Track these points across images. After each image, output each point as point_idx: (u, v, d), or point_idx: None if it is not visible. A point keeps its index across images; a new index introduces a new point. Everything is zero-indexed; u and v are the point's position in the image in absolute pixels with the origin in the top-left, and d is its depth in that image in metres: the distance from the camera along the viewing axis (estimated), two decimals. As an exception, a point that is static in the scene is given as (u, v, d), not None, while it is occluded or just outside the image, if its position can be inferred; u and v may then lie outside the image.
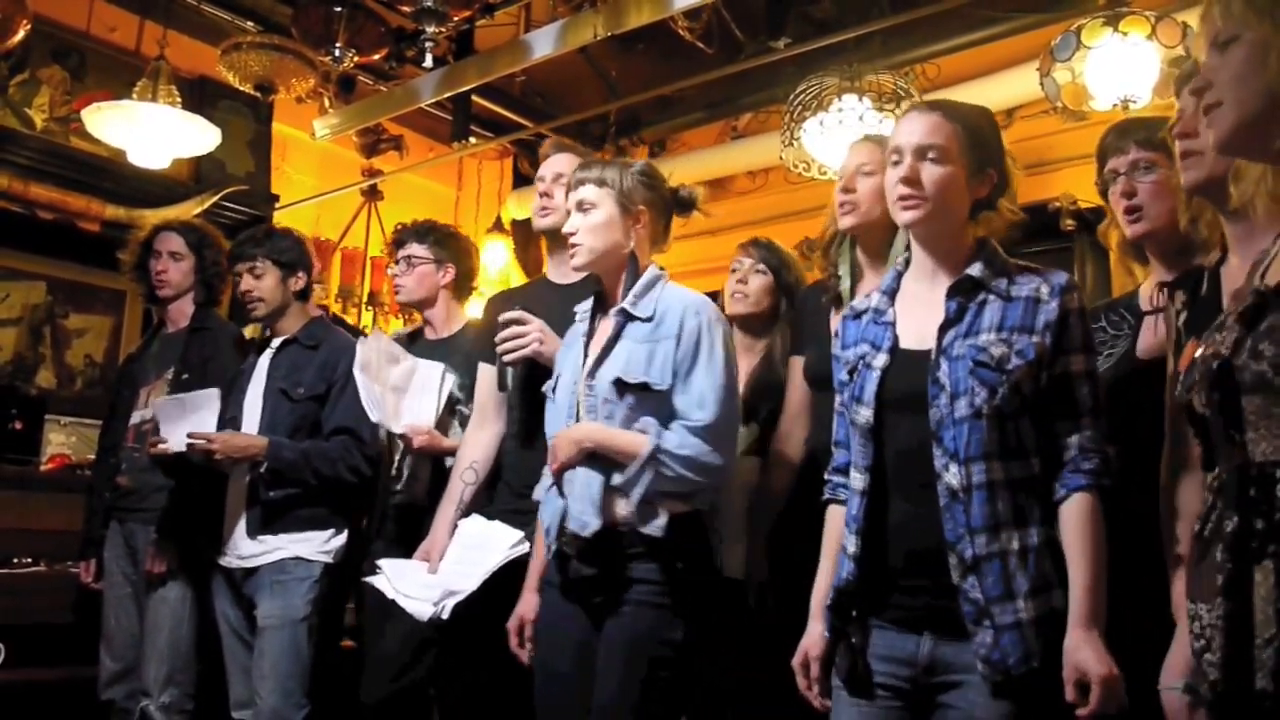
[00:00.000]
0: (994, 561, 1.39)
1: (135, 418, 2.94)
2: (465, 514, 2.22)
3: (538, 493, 1.95)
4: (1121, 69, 2.92)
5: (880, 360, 1.53)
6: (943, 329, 1.49)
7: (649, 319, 1.86)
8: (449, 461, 2.45)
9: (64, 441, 3.92)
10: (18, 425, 3.69)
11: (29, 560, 3.38)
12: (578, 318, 2.00)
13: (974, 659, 1.38)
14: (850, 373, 1.58)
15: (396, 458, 2.61)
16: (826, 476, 1.67)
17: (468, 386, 2.53)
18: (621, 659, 1.75)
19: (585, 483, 1.80)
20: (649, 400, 1.81)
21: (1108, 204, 1.82)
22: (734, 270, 2.55)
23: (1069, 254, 3.67)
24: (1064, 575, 1.41)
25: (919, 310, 1.55)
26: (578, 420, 1.86)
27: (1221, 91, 1.11)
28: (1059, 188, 3.67)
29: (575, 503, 1.81)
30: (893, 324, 1.57)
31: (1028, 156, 3.90)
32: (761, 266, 2.48)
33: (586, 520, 1.78)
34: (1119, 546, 1.44)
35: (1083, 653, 1.34)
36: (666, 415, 1.81)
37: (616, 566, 1.79)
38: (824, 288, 2.21)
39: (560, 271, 2.29)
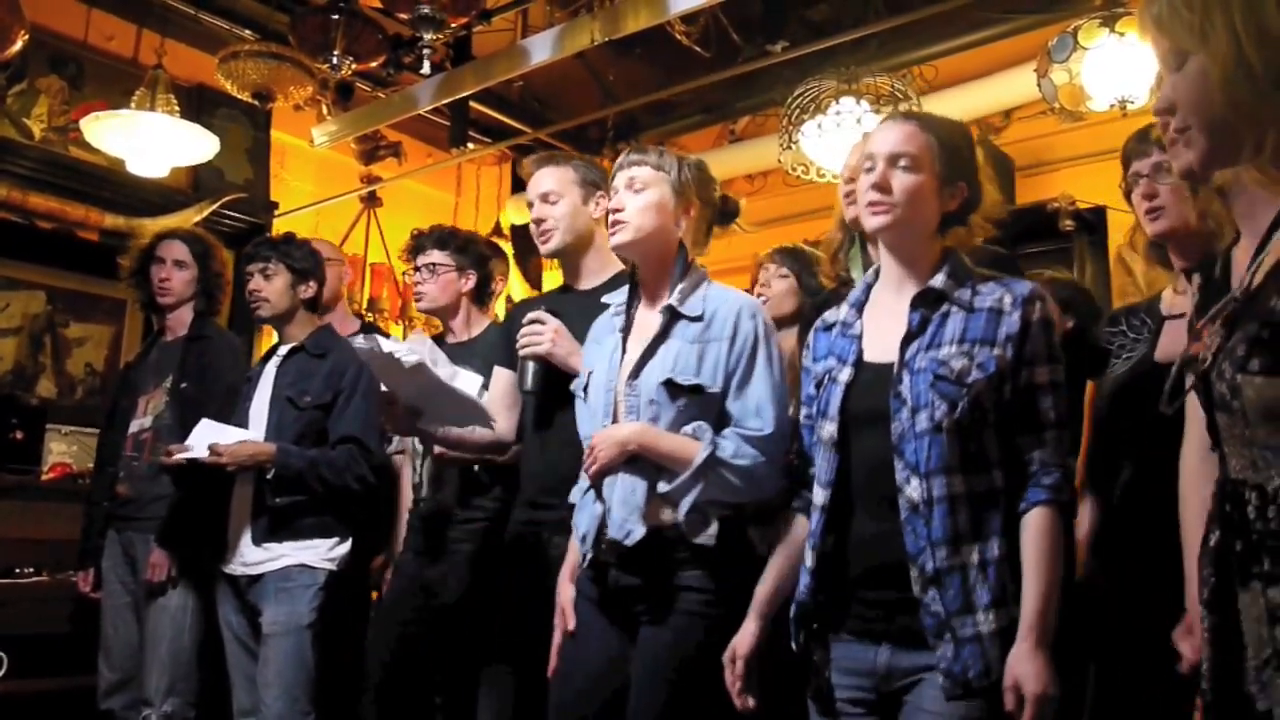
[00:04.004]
0: (955, 575, 1.38)
1: (134, 426, 2.92)
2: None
3: (574, 495, 1.85)
4: (1119, 69, 2.92)
5: (845, 374, 1.53)
6: (905, 342, 1.49)
7: (698, 318, 1.77)
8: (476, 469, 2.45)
9: (65, 451, 3.92)
10: (18, 435, 3.68)
11: (30, 570, 3.38)
12: (611, 310, 1.90)
13: (931, 662, 1.38)
14: (817, 386, 1.58)
15: (417, 464, 2.58)
16: (791, 485, 1.66)
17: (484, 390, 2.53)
18: (666, 671, 1.65)
19: (629, 488, 1.71)
20: (701, 404, 1.72)
21: (1131, 206, 1.83)
22: (758, 281, 2.57)
23: (1068, 254, 3.68)
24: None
25: (885, 321, 1.55)
26: (615, 422, 1.77)
27: (1187, 116, 1.11)
28: (1057, 188, 3.69)
29: (618, 509, 1.71)
30: (859, 337, 1.56)
31: (1025, 157, 3.92)
32: (784, 271, 2.52)
33: (630, 528, 1.69)
34: (1145, 543, 1.43)
35: (1023, 667, 1.33)
36: (716, 419, 1.72)
37: (662, 575, 1.69)
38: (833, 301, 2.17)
39: (579, 279, 2.24)
